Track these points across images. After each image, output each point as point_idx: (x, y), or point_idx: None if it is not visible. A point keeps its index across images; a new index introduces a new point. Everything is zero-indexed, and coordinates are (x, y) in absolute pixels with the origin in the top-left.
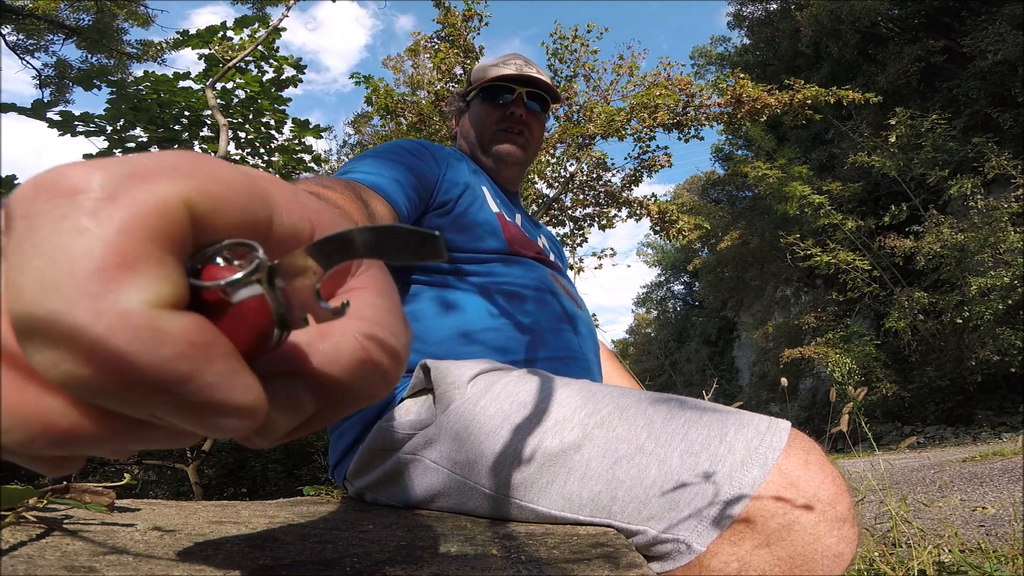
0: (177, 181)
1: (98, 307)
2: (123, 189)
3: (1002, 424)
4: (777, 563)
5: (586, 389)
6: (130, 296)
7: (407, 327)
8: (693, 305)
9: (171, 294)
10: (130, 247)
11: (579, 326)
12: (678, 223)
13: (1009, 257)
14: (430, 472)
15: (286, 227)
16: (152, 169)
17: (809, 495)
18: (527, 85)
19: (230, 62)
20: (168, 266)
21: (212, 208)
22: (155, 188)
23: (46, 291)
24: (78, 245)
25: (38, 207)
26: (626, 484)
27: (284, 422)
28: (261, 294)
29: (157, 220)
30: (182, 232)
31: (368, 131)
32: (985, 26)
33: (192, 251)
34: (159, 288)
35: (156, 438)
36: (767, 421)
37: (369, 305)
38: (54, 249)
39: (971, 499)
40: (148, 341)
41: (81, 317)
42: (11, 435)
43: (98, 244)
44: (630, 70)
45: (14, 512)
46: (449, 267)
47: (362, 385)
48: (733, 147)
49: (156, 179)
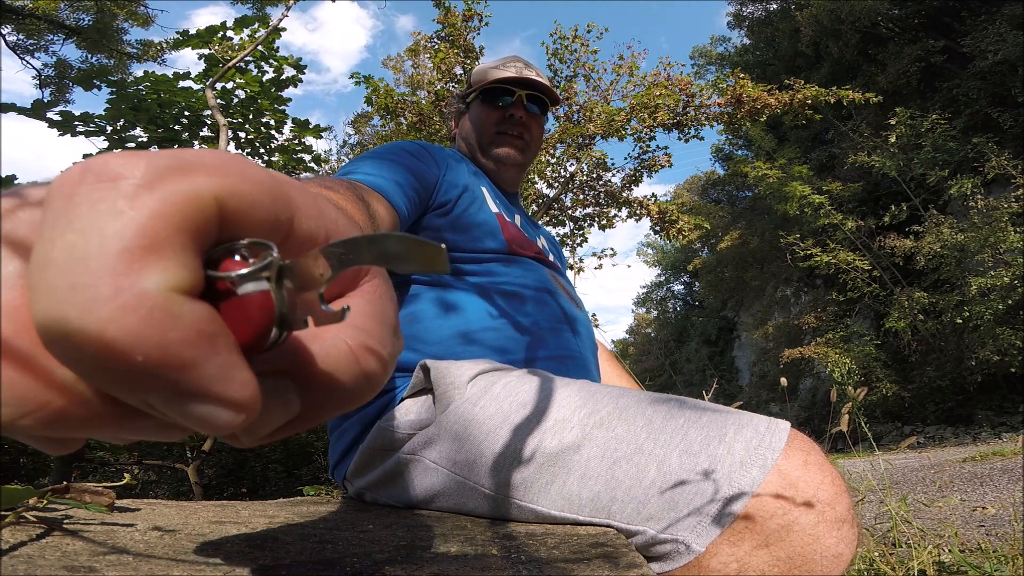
0: (212, 178)
1: (119, 284)
2: (161, 179)
3: (1002, 424)
4: (776, 563)
5: (586, 389)
6: (151, 278)
7: (398, 337)
8: (693, 305)
9: (188, 281)
10: (159, 232)
11: (578, 327)
12: (678, 223)
13: (1009, 257)
14: (430, 472)
15: (303, 231)
16: (191, 164)
17: (808, 495)
18: (527, 88)
19: (230, 62)
20: (190, 254)
21: (239, 207)
22: (191, 181)
23: (73, 264)
24: (111, 225)
25: (80, 188)
26: (625, 484)
27: (271, 421)
28: (267, 290)
29: (187, 211)
30: (208, 225)
31: (368, 131)
32: (985, 26)
33: (214, 244)
34: (178, 274)
35: (146, 428)
36: (766, 421)
37: (361, 313)
38: (88, 226)
39: (971, 499)
40: (158, 323)
41: (102, 292)
42: (6, 410)
43: (130, 226)
44: (630, 70)
45: (14, 512)
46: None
47: (348, 390)
48: (733, 147)
49: (193, 173)
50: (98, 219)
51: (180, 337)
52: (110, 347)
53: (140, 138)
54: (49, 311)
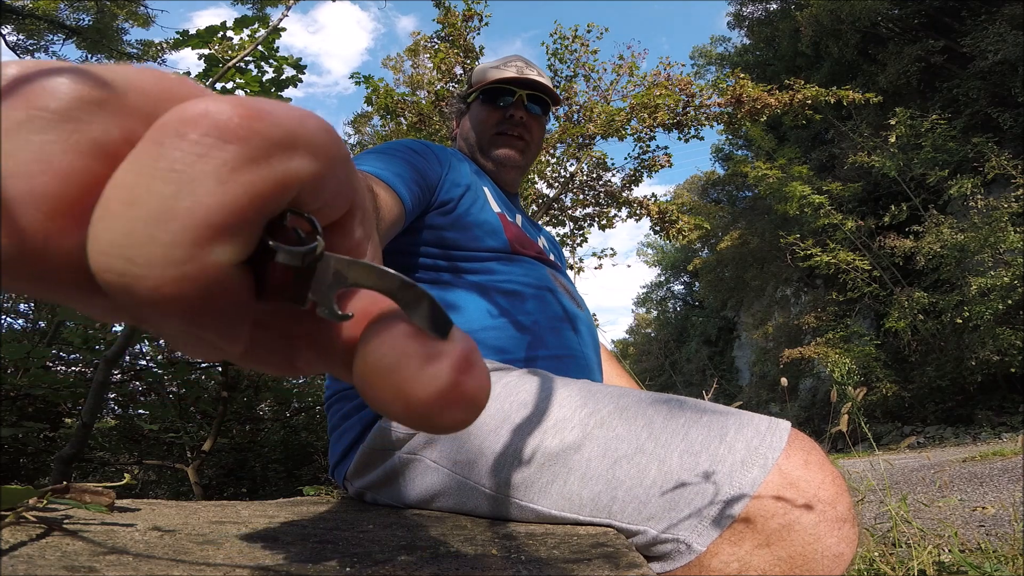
0: (312, 162)
1: (192, 253)
2: (267, 156)
3: (1002, 424)
4: (777, 563)
5: (586, 389)
6: (223, 252)
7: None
8: (693, 305)
9: (248, 253)
10: (247, 213)
11: (579, 325)
12: (678, 223)
13: (1009, 257)
14: (430, 472)
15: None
16: (297, 140)
17: (809, 495)
18: (528, 88)
19: (230, 62)
20: (261, 228)
21: (322, 193)
22: (293, 164)
23: (158, 215)
24: (206, 193)
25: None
26: (626, 484)
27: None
28: (296, 266)
29: (279, 194)
30: (286, 202)
31: (368, 131)
32: (985, 26)
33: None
34: (245, 249)
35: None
36: (767, 421)
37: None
38: (184, 184)
39: (971, 499)
40: (210, 294)
41: (175, 255)
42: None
43: (224, 200)
44: (630, 70)
45: (14, 512)
46: (447, 265)
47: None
48: (733, 147)
49: (297, 153)
50: (196, 179)
51: (220, 306)
52: (157, 301)
53: None
54: (117, 246)
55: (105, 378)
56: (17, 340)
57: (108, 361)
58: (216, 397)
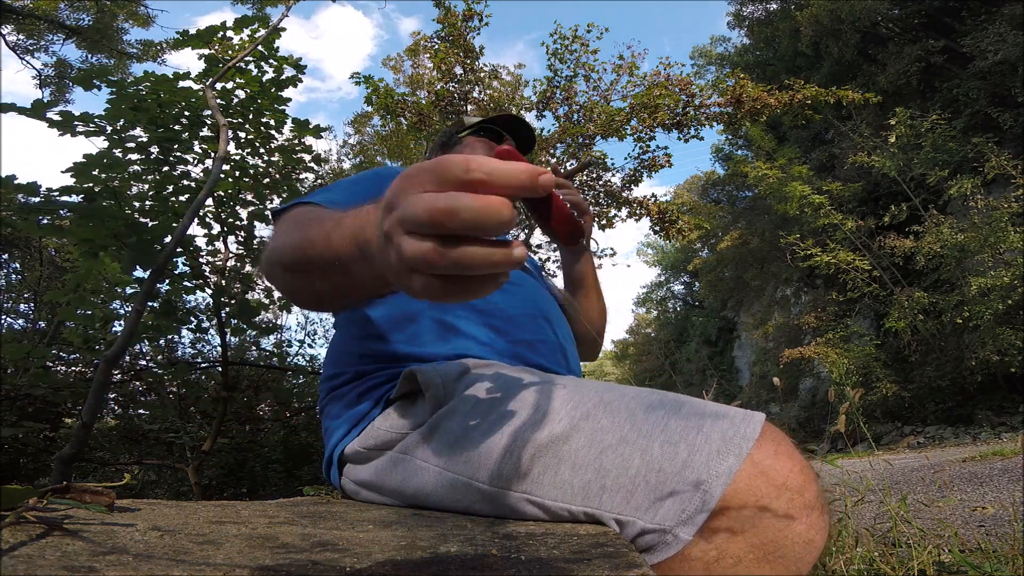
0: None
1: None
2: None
3: (1002, 424)
4: (751, 550)
5: (571, 384)
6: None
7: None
8: (693, 305)
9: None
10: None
11: (550, 313)
12: (678, 223)
13: (1009, 257)
14: (422, 470)
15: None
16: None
17: (779, 483)
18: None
19: (230, 62)
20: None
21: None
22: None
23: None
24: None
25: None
26: (613, 473)
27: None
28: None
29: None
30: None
31: (368, 131)
32: (985, 26)
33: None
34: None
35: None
36: (742, 413)
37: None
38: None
39: (971, 499)
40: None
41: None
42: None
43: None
44: (630, 70)
45: (14, 512)
46: None
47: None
48: (733, 147)
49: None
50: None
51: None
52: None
53: (140, 138)
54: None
55: (105, 378)
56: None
57: (108, 361)
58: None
